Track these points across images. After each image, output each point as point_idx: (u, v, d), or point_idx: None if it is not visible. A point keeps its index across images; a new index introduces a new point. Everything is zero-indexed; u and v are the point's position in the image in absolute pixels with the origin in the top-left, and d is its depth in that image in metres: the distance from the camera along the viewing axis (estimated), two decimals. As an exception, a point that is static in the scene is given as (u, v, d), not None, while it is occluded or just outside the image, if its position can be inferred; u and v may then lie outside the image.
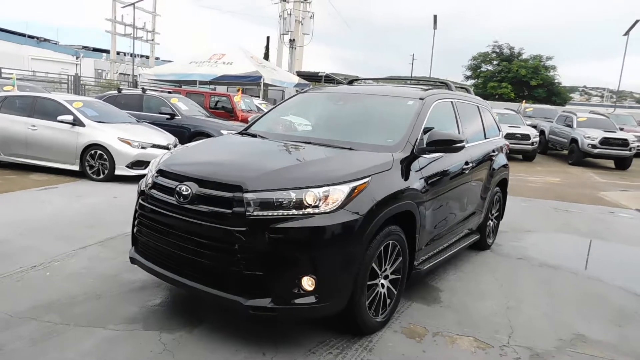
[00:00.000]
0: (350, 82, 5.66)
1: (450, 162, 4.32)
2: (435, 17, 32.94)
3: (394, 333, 3.47)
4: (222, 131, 10.78)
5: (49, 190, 7.43)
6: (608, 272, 5.26)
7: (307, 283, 2.88)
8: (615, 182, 13.07)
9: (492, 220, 5.87)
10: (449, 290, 4.37)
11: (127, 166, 8.16)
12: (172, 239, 3.13)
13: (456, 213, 4.60)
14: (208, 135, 10.71)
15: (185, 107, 11.38)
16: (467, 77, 43.47)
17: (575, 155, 16.69)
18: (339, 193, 2.95)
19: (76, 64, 33.90)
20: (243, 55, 20.70)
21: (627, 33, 31.78)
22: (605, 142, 16.18)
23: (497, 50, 41.54)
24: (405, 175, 3.55)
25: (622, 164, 16.54)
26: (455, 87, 5.31)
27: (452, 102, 4.79)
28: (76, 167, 8.32)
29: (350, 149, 3.67)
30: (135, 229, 3.50)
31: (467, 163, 4.66)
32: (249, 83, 20.11)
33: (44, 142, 8.38)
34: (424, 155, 3.85)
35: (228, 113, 13.56)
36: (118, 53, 32.26)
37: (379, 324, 3.43)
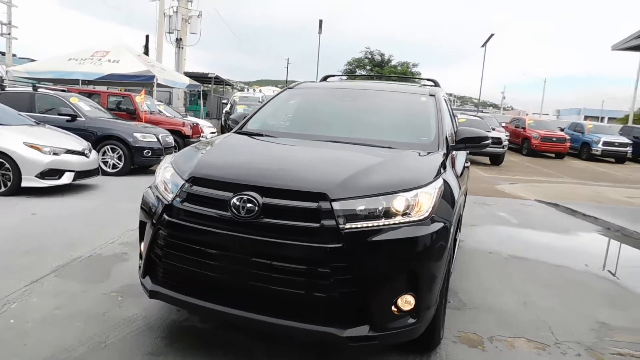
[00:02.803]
0: (325, 79, 5.29)
1: (462, 159, 4.24)
2: (320, 21, 33.51)
3: (454, 344, 3.24)
4: (134, 134, 9.65)
5: (-63, 211, 5.90)
6: (564, 258, 5.73)
7: (406, 302, 2.50)
8: (498, 177, 14.44)
9: (461, 217, 5.96)
10: (462, 292, 4.26)
11: (37, 176, 6.80)
12: (228, 265, 2.52)
13: (462, 211, 4.53)
14: (119, 140, 9.53)
15: (87, 108, 9.94)
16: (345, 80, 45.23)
17: (457, 154, 18.18)
18: (428, 197, 2.61)
19: None
20: (129, 54, 18.86)
21: (484, 45, 35.42)
22: (483, 140, 17.81)
23: (370, 56, 43.83)
24: (452, 175, 3.34)
25: (497, 159, 18.36)
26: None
27: (445, 98, 4.71)
28: (-34, 181, 6.73)
29: (390, 147, 3.35)
30: (155, 255, 2.77)
31: (466, 160, 4.61)
32: (139, 83, 18.41)
33: None
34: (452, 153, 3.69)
35: (129, 114, 12.17)
36: (-35, 47, 27.59)
37: (441, 336, 3.17)
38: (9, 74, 17.59)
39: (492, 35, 35.36)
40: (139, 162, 9.64)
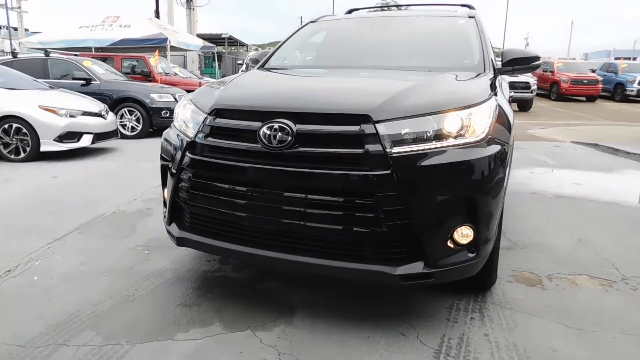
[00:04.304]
0: (350, 12, 4.86)
1: (507, 88, 3.84)
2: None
3: (509, 284, 2.96)
4: (151, 95, 9.38)
5: (-42, 178, 5.78)
6: (613, 195, 5.33)
7: (463, 235, 2.20)
8: (528, 122, 13.83)
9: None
10: (509, 231, 3.95)
11: (55, 140, 6.62)
12: (261, 202, 2.24)
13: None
14: (136, 101, 9.29)
15: (101, 71, 9.67)
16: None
17: (486, 99, 17.54)
18: (483, 116, 2.27)
19: None
20: (141, 17, 18.50)
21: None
22: (511, 86, 17.03)
23: (386, 7, 42.34)
24: (503, 98, 2.97)
25: (524, 105, 17.62)
26: None
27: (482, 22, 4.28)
28: (-15, 148, 6.60)
29: (430, 71, 2.98)
30: (180, 199, 2.52)
31: (509, 88, 4.21)
32: (152, 47, 18.03)
33: None
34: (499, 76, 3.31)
35: (145, 77, 11.87)
36: (-23, 23, 27.46)
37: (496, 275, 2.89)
38: (21, 45, 17.41)
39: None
40: (157, 123, 9.40)
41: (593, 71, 23.01)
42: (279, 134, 2.14)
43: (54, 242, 3.53)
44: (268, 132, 2.16)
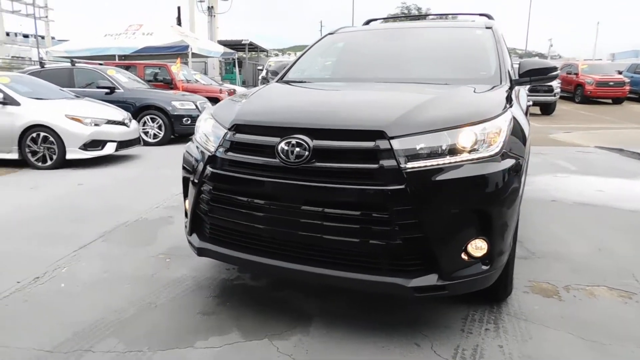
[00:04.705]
0: (367, 23, 4.91)
1: (524, 97, 3.83)
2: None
3: (525, 294, 2.96)
4: (173, 102, 9.57)
5: (-11, 185, 6.00)
6: (636, 203, 5.20)
7: (477, 248, 2.23)
8: (550, 126, 13.64)
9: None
10: (527, 240, 3.94)
11: (80, 148, 6.82)
12: (279, 215, 2.30)
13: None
14: (158, 109, 9.48)
15: (125, 79, 9.91)
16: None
17: (508, 103, 17.30)
18: (496, 130, 2.29)
19: (-44, 48, 29.18)
20: (162, 25, 18.86)
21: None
22: (533, 89, 16.85)
23: (406, 11, 42.20)
24: (519, 110, 2.98)
25: (547, 109, 17.35)
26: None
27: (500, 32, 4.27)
28: (15, 155, 6.82)
29: (447, 84, 3.00)
30: (200, 211, 2.60)
31: (528, 100, 4.20)
32: (174, 54, 18.36)
33: (-35, 129, 6.77)
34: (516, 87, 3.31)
35: (167, 84, 12.12)
36: (7, 34, 28.30)
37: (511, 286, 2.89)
38: (48, 54, 17.90)
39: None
40: (179, 130, 9.59)
41: (620, 73, 22.50)
42: (296, 149, 2.20)
43: (79, 249, 3.66)
44: (286, 148, 2.22)
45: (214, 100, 11.86)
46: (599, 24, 59.68)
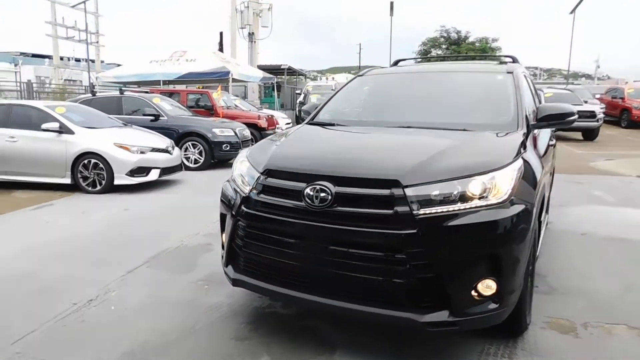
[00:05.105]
0: (396, 63, 5.16)
1: (544, 137, 3.98)
2: (392, 3, 32.68)
3: (542, 330, 3.08)
4: (213, 129, 10.06)
5: (45, 208, 6.52)
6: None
7: (486, 287, 2.40)
8: (592, 152, 13.35)
9: (548, 196, 5.61)
10: (552, 275, 4.02)
11: (127, 174, 7.32)
12: (305, 253, 2.56)
13: (547, 191, 4.26)
14: (199, 136, 9.98)
15: (169, 107, 10.50)
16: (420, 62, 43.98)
17: (548, 129, 16.98)
18: (506, 179, 2.48)
19: (15, 72, 31.26)
20: (205, 52, 19.70)
21: (573, 11, 32.62)
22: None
23: (445, 34, 42.18)
24: (533, 154, 3.14)
25: (590, 134, 16.97)
26: None
27: (524, 74, 4.42)
28: (67, 180, 7.38)
29: (465, 130, 3.21)
30: (236, 245, 2.87)
31: (551, 138, 4.33)
32: (215, 79, 19.14)
33: (26, 154, 7.38)
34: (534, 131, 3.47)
35: (208, 111, 12.69)
36: (61, 58, 30.07)
37: (528, 322, 3.02)
38: (98, 79, 18.98)
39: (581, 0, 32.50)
40: (218, 156, 10.05)
41: (671, 96, 21.82)
42: (321, 194, 2.46)
43: (127, 274, 4.01)
44: (311, 193, 2.48)
45: (253, 126, 12.36)
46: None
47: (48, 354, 2.79)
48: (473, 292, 2.39)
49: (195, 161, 10.02)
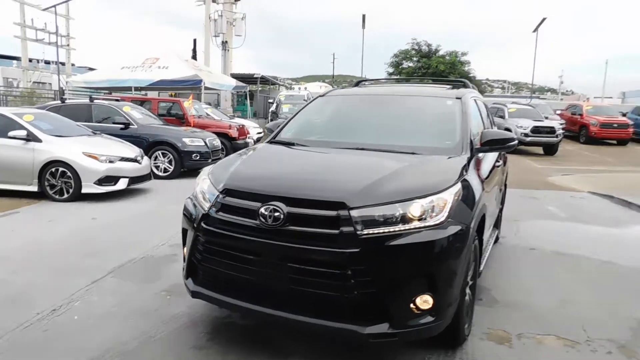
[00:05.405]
0: (357, 84, 5.44)
1: (490, 159, 4.27)
2: (363, 16, 33.37)
3: (480, 341, 3.34)
4: (183, 139, 10.16)
5: (11, 216, 6.52)
6: (613, 254, 5.51)
7: (424, 302, 2.65)
8: (552, 167, 13.97)
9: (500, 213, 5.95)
10: (495, 288, 4.31)
11: (95, 183, 7.36)
12: (258, 268, 2.76)
13: (494, 209, 4.57)
14: (169, 145, 10.06)
15: (139, 116, 10.55)
16: (390, 74, 44.70)
17: (509, 143, 17.59)
18: (443, 202, 2.74)
19: (-19, 73, 30.47)
20: (178, 59, 19.69)
21: (536, 29, 34.05)
22: (535, 130, 17.37)
23: (417, 47, 43.07)
24: (474, 177, 3.42)
25: (550, 149, 17.75)
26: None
27: (474, 99, 4.74)
28: (34, 188, 7.38)
29: (413, 153, 3.47)
30: (195, 259, 3.05)
31: (497, 160, 4.64)
32: (188, 87, 19.17)
33: (-8, 162, 7.36)
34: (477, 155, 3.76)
35: (179, 120, 12.74)
36: (30, 60, 29.50)
37: (467, 333, 3.28)
38: (68, 84, 18.77)
39: (544, 19, 33.98)
40: (188, 165, 10.15)
41: (624, 115, 22.94)
42: (274, 214, 2.67)
43: (92, 284, 4.12)
44: (265, 212, 2.69)
45: (224, 136, 12.49)
46: (607, 63, 59.67)
47: (10, 363, 2.90)
48: (412, 306, 2.63)
49: (165, 170, 10.09)
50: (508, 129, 17.76)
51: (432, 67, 40.27)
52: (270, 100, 28.56)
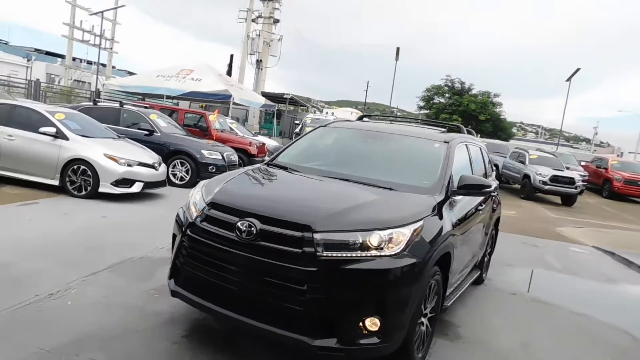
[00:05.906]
0: (361, 118, 5.80)
1: (470, 202, 4.53)
2: (397, 49, 33.98)
3: (433, 371, 3.57)
4: (202, 151, 10.64)
5: (31, 206, 7.04)
6: (592, 308, 5.65)
7: (372, 324, 2.93)
8: (566, 218, 13.87)
9: (487, 256, 6.15)
10: (464, 325, 4.52)
11: (112, 184, 7.86)
12: (231, 276, 3.09)
13: (472, 250, 4.81)
14: (188, 155, 10.55)
15: (163, 124, 11.12)
16: (420, 108, 45.06)
17: (527, 190, 17.65)
18: (401, 236, 3.03)
19: (27, 67, 32.09)
20: (211, 73, 20.51)
21: (569, 79, 34.07)
22: (554, 179, 17.26)
23: (449, 84, 43.41)
24: (444, 217, 3.69)
25: (568, 200, 17.57)
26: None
27: (466, 145, 5.02)
28: (56, 182, 7.91)
29: (391, 189, 3.78)
30: (179, 262, 3.41)
31: (480, 204, 4.89)
32: (217, 101, 19.92)
33: (21, 153, 7.93)
34: (454, 197, 4.03)
35: (203, 132, 13.33)
36: (74, 59, 31.00)
37: (420, 362, 3.52)
38: (105, 86, 19.71)
39: (577, 69, 33.99)
40: (204, 176, 10.56)
41: (652, 173, 22.61)
42: (249, 229, 3.01)
43: (89, 275, 4.51)
44: (241, 227, 3.04)
45: (243, 152, 12.97)
46: (643, 117, 58.23)
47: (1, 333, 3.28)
48: (360, 325, 2.92)
49: (182, 179, 10.58)
50: (527, 175, 17.94)
51: (462, 105, 40.49)
52: (297, 122, 29.20)
